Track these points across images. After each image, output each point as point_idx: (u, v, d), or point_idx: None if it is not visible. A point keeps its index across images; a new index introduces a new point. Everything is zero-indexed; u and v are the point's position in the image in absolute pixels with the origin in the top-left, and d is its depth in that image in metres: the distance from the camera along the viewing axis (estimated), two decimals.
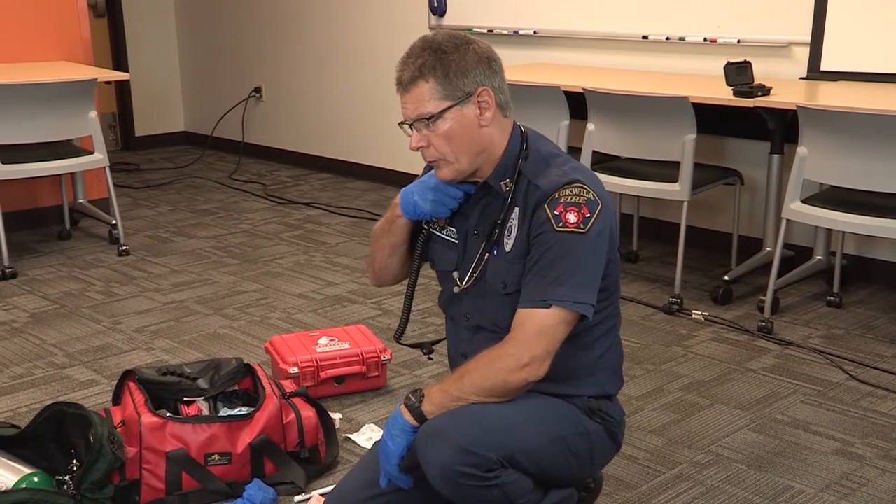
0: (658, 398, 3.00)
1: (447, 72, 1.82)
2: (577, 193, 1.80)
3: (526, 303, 1.81)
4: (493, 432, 1.77)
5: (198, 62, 7.19)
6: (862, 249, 4.08)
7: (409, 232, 2.03)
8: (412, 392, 1.86)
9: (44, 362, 3.30)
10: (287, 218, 5.24)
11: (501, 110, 1.88)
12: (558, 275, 1.78)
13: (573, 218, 1.79)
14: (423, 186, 1.95)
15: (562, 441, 1.87)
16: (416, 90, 1.84)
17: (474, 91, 1.83)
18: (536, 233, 1.82)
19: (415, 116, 1.86)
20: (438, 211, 1.95)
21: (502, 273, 1.88)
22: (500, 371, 1.79)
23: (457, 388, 1.81)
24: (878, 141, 3.24)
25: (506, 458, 1.78)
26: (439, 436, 1.77)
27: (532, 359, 1.78)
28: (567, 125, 4.06)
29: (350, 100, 6.10)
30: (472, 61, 1.83)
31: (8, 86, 4.14)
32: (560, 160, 1.89)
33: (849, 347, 3.39)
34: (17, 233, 4.67)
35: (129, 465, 2.37)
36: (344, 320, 3.66)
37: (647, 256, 4.43)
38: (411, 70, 1.84)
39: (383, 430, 1.89)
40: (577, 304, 1.79)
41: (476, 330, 1.96)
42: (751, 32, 4.23)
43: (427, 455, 1.78)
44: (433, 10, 5.41)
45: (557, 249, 1.79)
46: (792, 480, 2.52)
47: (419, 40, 1.88)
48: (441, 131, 1.84)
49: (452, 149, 1.85)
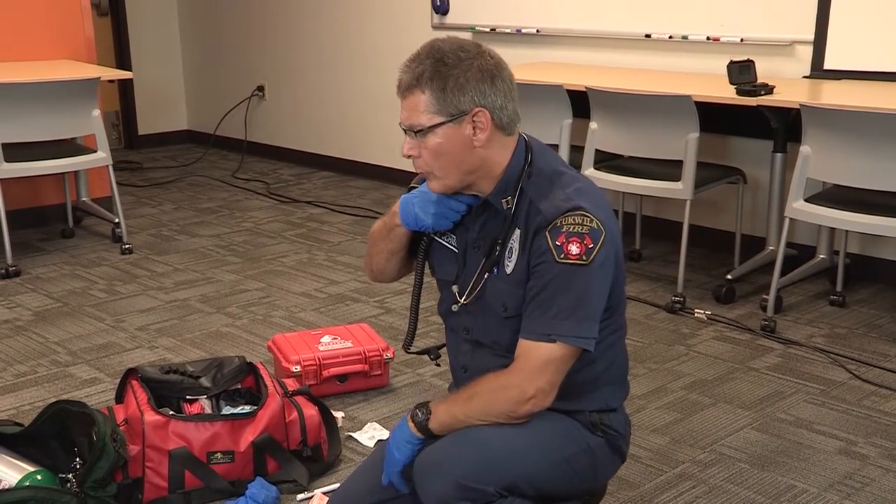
0: (661, 397, 3.00)
1: (444, 86, 1.75)
2: (580, 222, 1.74)
3: (529, 334, 1.77)
4: (492, 461, 1.75)
5: (201, 61, 7.19)
6: (865, 248, 4.07)
7: (408, 240, 1.99)
8: (419, 406, 1.84)
9: (47, 360, 3.31)
10: (290, 216, 5.24)
11: (503, 130, 1.81)
12: (561, 309, 1.75)
13: (575, 249, 1.74)
14: (424, 199, 1.89)
15: (564, 462, 1.85)
16: (412, 98, 1.78)
17: (469, 110, 1.76)
18: (537, 262, 1.77)
19: (407, 125, 1.81)
20: (440, 224, 1.90)
21: (503, 295, 1.85)
22: (505, 401, 1.77)
23: (462, 412, 1.80)
24: (882, 140, 3.23)
25: (506, 488, 1.75)
26: (437, 469, 1.75)
27: (537, 391, 1.76)
28: (570, 124, 4.06)
29: (353, 98, 6.10)
30: (474, 78, 1.75)
31: (12, 84, 4.15)
32: (564, 180, 1.83)
33: (852, 346, 3.38)
34: (20, 231, 4.68)
35: (132, 463, 2.37)
36: (346, 319, 3.66)
37: (649, 255, 4.43)
38: (410, 76, 1.78)
39: (389, 439, 1.88)
40: (579, 338, 1.76)
41: (475, 345, 1.94)
42: (754, 31, 4.23)
43: (425, 488, 1.77)
44: (436, 9, 5.41)
45: (559, 282, 1.75)
46: (795, 480, 2.52)
47: (427, 44, 1.81)
48: (430, 145, 1.79)
49: (440, 165, 1.80)
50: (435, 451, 1.79)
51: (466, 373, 1.95)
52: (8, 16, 4.80)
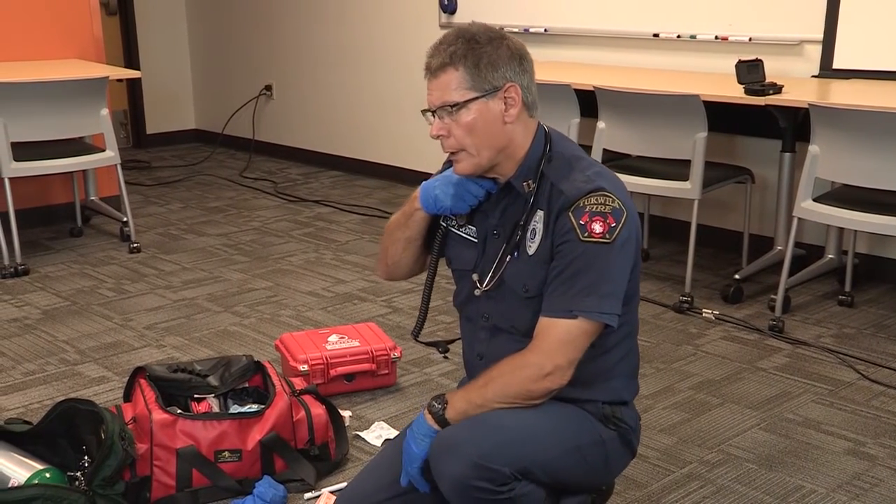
0: (668, 397, 3.00)
1: (478, 62, 1.80)
2: (603, 202, 1.78)
3: (550, 312, 1.80)
4: (508, 444, 1.76)
5: (209, 60, 7.20)
6: (874, 248, 4.06)
7: (426, 227, 2.01)
8: (435, 398, 1.86)
9: (55, 359, 3.32)
10: (297, 215, 5.25)
11: (528, 110, 1.87)
12: (584, 286, 1.77)
13: (599, 228, 1.77)
14: (444, 181, 1.94)
15: (577, 451, 1.86)
16: (444, 77, 1.81)
17: (502, 86, 1.81)
18: (561, 241, 1.80)
19: (439, 104, 1.83)
20: (458, 206, 1.93)
21: (524, 276, 1.87)
22: (523, 380, 1.79)
23: (479, 396, 1.81)
24: (891, 139, 3.22)
25: (520, 471, 1.77)
26: (453, 449, 1.76)
27: (555, 368, 1.77)
28: (577, 123, 4.06)
29: (360, 97, 6.11)
30: (505, 56, 1.81)
31: (21, 84, 4.16)
32: (583, 164, 1.87)
33: (860, 347, 3.37)
34: (29, 230, 4.69)
35: (140, 461, 2.38)
36: (354, 318, 3.66)
37: (657, 255, 4.42)
38: (442, 56, 1.81)
39: (407, 434, 1.89)
40: (603, 314, 1.78)
41: (494, 331, 1.95)
42: (762, 30, 4.22)
43: (441, 468, 1.78)
44: (444, 8, 5.41)
45: (583, 260, 1.78)
46: (803, 480, 2.51)
47: (454, 29, 1.85)
48: (463, 122, 1.82)
49: (473, 141, 1.83)
50: (451, 433, 1.80)
51: (483, 360, 1.95)
52: (17, 16, 4.81)
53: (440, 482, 1.78)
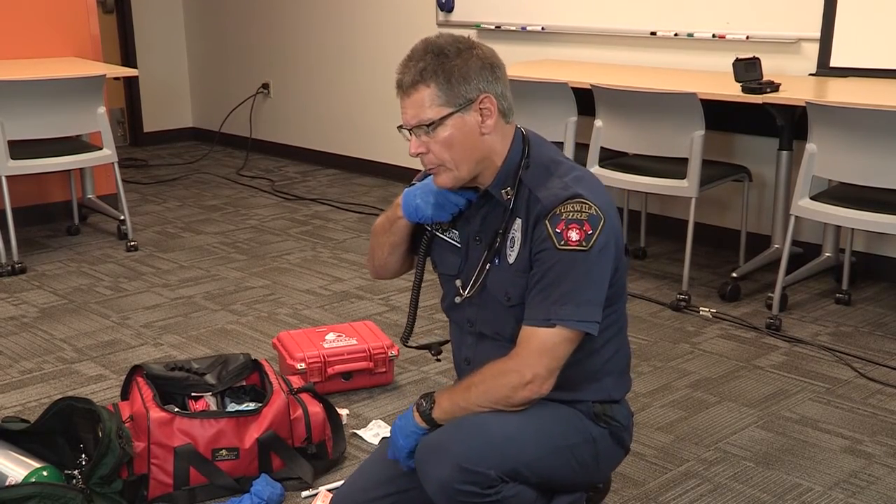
0: (665, 395, 3.00)
1: (449, 77, 1.77)
2: (579, 209, 1.77)
3: (530, 321, 1.80)
4: (494, 446, 1.77)
5: (206, 58, 7.19)
6: (871, 246, 4.06)
7: (410, 233, 2.01)
8: (424, 397, 1.88)
9: (53, 357, 3.32)
10: (295, 214, 5.25)
11: (504, 116, 1.84)
12: (562, 294, 1.77)
13: (575, 236, 1.76)
14: (425, 190, 1.93)
15: (566, 450, 1.86)
16: (417, 95, 1.79)
17: (476, 97, 1.79)
18: (538, 250, 1.80)
19: (414, 122, 1.81)
20: (439, 215, 1.93)
21: (506, 284, 1.87)
22: (503, 387, 1.80)
23: (463, 399, 1.83)
24: (888, 137, 3.22)
25: (507, 473, 1.77)
26: (439, 452, 1.77)
27: (534, 377, 1.78)
28: (575, 121, 4.06)
29: (358, 96, 6.10)
30: (475, 67, 1.79)
31: (17, 82, 4.16)
32: (562, 169, 1.86)
33: (858, 345, 3.38)
34: (26, 228, 4.68)
35: (138, 459, 2.38)
36: (351, 316, 3.66)
37: (654, 253, 4.42)
38: (412, 73, 1.79)
39: (393, 427, 1.91)
40: (581, 322, 1.78)
41: (479, 337, 1.96)
42: (760, 28, 4.22)
43: (426, 472, 1.78)
44: (441, 7, 5.41)
45: (560, 268, 1.77)
46: (800, 478, 2.51)
47: (421, 42, 1.83)
48: (441, 138, 1.80)
49: (452, 156, 1.82)
50: (435, 436, 1.82)
51: (470, 365, 1.96)
52: (14, 13, 4.81)
53: (426, 486, 1.79)
